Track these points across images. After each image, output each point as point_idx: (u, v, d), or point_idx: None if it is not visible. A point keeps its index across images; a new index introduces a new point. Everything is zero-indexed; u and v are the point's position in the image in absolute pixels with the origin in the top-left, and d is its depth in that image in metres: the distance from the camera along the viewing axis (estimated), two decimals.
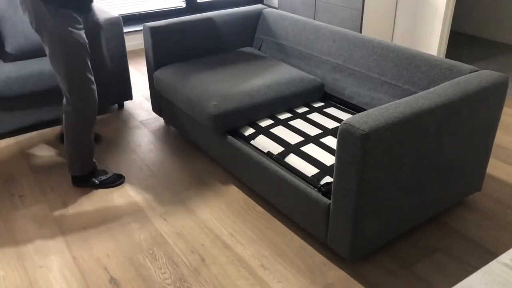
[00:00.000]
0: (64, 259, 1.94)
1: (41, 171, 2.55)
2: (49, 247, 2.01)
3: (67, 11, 2.05)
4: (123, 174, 2.51)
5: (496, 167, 2.56)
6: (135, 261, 1.92)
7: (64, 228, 2.12)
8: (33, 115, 2.91)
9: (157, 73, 2.73)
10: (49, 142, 2.84)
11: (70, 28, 2.06)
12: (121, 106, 3.31)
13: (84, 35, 2.15)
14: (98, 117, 3.16)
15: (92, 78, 2.21)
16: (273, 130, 2.24)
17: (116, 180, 2.43)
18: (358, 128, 1.56)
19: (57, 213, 2.22)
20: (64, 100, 2.22)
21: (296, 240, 2.03)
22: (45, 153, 2.73)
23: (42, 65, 2.83)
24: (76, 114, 2.22)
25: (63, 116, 2.24)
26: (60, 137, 2.82)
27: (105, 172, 2.45)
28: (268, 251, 1.97)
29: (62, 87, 2.19)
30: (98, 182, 2.38)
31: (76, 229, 2.11)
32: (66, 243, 2.03)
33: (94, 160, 2.39)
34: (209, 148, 2.51)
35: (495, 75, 1.95)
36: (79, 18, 2.12)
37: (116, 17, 2.97)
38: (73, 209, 2.24)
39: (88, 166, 2.37)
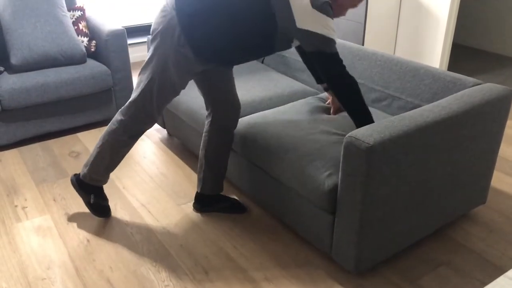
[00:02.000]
0: (67, 271, 1.93)
1: (45, 183, 2.55)
2: (52, 259, 2.00)
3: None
4: (127, 184, 2.50)
5: (500, 180, 2.55)
6: (138, 274, 1.91)
7: (67, 240, 2.11)
8: (37, 126, 2.91)
9: None
10: (53, 154, 2.84)
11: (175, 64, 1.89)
12: None
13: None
14: (100, 128, 3.17)
15: (155, 115, 2.01)
16: None
17: (100, 210, 2.23)
18: (363, 141, 1.56)
19: (60, 225, 2.21)
20: (122, 109, 2.04)
21: (301, 253, 2.02)
22: (48, 164, 2.73)
23: (47, 77, 2.85)
24: (115, 130, 2.03)
25: (114, 122, 2.05)
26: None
27: (105, 199, 2.25)
28: (272, 264, 1.96)
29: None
30: (92, 202, 2.19)
31: (79, 241, 2.10)
32: (69, 255, 2.02)
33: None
34: None
35: (499, 88, 1.96)
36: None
37: (121, 29, 2.99)
38: (76, 221, 2.23)
39: (97, 180, 2.16)
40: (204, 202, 2.28)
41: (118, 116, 2.04)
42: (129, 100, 2.01)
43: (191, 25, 1.81)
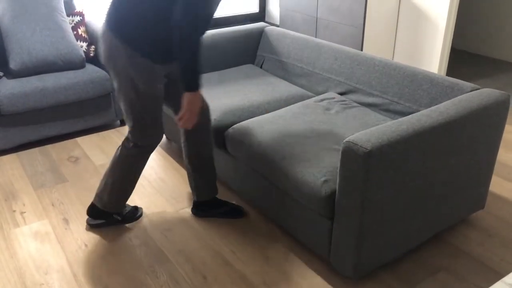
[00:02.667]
0: (65, 276, 1.92)
1: (43, 188, 2.54)
2: (50, 264, 1.99)
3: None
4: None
5: (499, 185, 2.55)
6: (136, 279, 1.91)
7: (65, 245, 2.11)
8: (36, 131, 2.91)
9: None
10: (51, 159, 2.84)
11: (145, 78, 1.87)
12: (123, 122, 3.32)
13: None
14: (99, 133, 3.17)
15: (157, 125, 2.01)
16: None
17: (135, 214, 2.26)
18: (360, 146, 1.56)
19: (58, 230, 2.21)
20: (125, 137, 2.04)
21: (299, 258, 2.02)
22: (47, 169, 2.73)
23: (46, 82, 2.85)
24: (128, 155, 2.02)
25: (121, 149, 2.04)
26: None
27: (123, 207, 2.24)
28: (270, 269, 1.95)
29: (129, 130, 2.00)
30: (120, 218, 2.20)
31: (77, 246, 2.10)
32: (67, 260, 2.02)
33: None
34: None
35: (497, 93, 1.96)
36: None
37: None
38: (74, 226, 2.23)
39: (118, 208, 2.16)
40: (204, 208, 2.28)
41: (127, 144, 2.02)
42: (128, 130, 1.99)
43: (124, 30, 1.79)
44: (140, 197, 2.46)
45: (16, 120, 2.82)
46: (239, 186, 2.31)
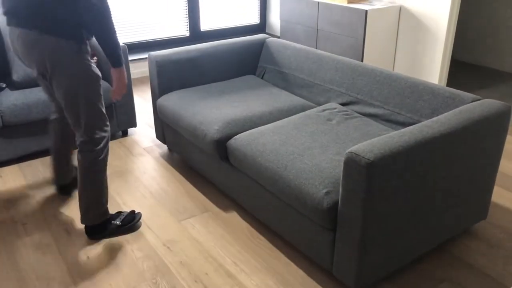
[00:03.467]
0: None
1: (45, 199, 2.54)
2: (52, 276, 1.99)
3: (85, 46, 1.99)
4: (127, 200, 2.50)
5: (501, 195, 2.55)
6: None
7: (67, 257, 2.10)
8: (38, 142, 2.92)
9: (160, 100, 2.75)
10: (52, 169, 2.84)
11: (88, 62, 2.00)
12: (125, 133, 3.33)
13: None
14: None
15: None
16: None
17: (134, 217, 2.28)
18: (363, 157, 1.56)
19: (60, 241, 2.21)
20: (81, 143, 2.06)
21: (301, 269, 2.01)
22: (48, 180, 2.73)
23: None
24: (96, 156, 2.07)
25: (81, 161, 2.07)
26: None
27: (120, 213, 2.28)
28: (272, 281, 1.95)
29: (79, 128, 2.04)
30: (119, 223, 2.22)
31: (79, 258, 2.09)
32: (69, 271, 2.01)
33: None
34: (212, 175, 2.51)
35: (498, 104, 1.97)
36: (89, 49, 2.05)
37: (122, 46, 3.02)
38: (76, 238, 2.23)
39: (105, 213, 2.19)
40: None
41: (88, 149, 2.08)
42: (86, 131, 2.05)
43: (39, 22, 1.88)
44: (142, 208, 2.45)
45: (18, 131, 2.83)
46: (240, 197, 2.31)
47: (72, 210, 2.44)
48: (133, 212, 2.30)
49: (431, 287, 1.90)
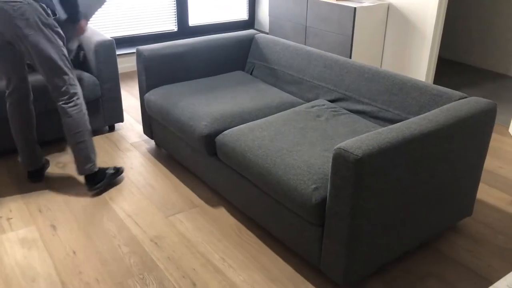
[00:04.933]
0: (53, 284, 1.90)
1: (30, 194, 2.51)
2: (37, 271, 1.96)
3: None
4: (114, 196, 2.49)
5: (485, 192, 2.58)
6: (125, 286, 1.89)
7: (53, 252, 2.08)
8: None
9: (147, 95, 2.73)
10: None
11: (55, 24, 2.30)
12: (112, 128, 3.30)
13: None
14: None
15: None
16: None
17: (118, 169, 2.60)
18: (351, 153, 1.57)
19: (45, 236, 2.18)
20: (62, 103, 2.32)
21: (289, 265, 2.02)
22: (33, 181, 2.69)
23: (33, 87, 2.82)
24: (79, 109, 2.34)
25: (65, 119, 2.33)
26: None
27: (107, 168, 2.57)
28: (260, 276, 1.95)
29: (56, 87, 2.30)
30: (114, 170, 2.55)
31: (65, 253, 2.07)
32: (55, 267, 1.99)
33: None
34: (200, 170, 2.50)
35: (484, 102, 1.99)
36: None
37: (110, 40, 2.99)
38: (62, 233, 2.21)
39: (95, 158, 2.46)
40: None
41: (74, 102, 2.36)
42: (70, 86, 2.34)
43: None
44: (129, 203, 2.44)
45: (3, 125, 2.79)
46: (229, 193, 2.31)
47: (59, 205, 2.41)
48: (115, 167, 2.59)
49: (417, 283, 1.92)
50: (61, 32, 2.32)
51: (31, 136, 2.52)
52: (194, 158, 2.52)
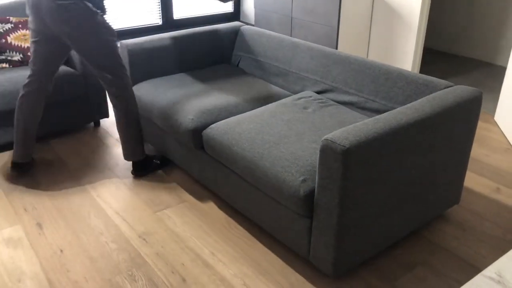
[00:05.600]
0: (40, 283, 1.87)
1: (15, 192, 2.47)
2: (24, 271, 1.94)
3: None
4: (101, 192, 2.46)
5: (472, 180, 2.60)
6: (114, 284, 1.87)
7: (39, 251, 2.05)
8: (6, 134, 2.83)
9: (133, 89, 2.70)
10: None
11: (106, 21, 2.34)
12: (97, 124, 3.26)
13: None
14: (73, 135, 3.10)
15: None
16: None
17: (167, 159, 2.74)
18: (339, 144, 1.56)
19: (31, 235, 2.15)
20: (111, 95, 2.41)
21: (279, 258, 2.01)
22: (19, 173, 2.65)
23: (16, 84, 2.77)
24: (125, 101, 2.42)
25: (117, 112, 2.44)
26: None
27: (154, 156, 2.72)
28: (250, 270, 1.94)
29: (104, 82, 2.37)
30: (159, 162, 2.68)
31: (52, 252, 2.04)
32: (42, 266, 1.96)
33: None
34: (188, 165, 2.48)
35: (470, 90, 2.00)
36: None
37: None
38: (48, 231, 2.18)
39: (143, 149, 2.60)
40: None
41: (120, 99, 2.42)
42: (118, 85, 2.38)
43: None
44: (116, 199, 2.41)
45: None
46: (217, 187, 2.29)
47: (44, 204, 2.38)
48: (161, 155, 2.72)
49: (406, 272, 1.93)
50: (111, 28, 2.32)
51: (32, 130, 2.54)
52: (181, 152, 2.50)
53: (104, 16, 2.32)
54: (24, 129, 2.51)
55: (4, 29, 3.01)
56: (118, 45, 2.38)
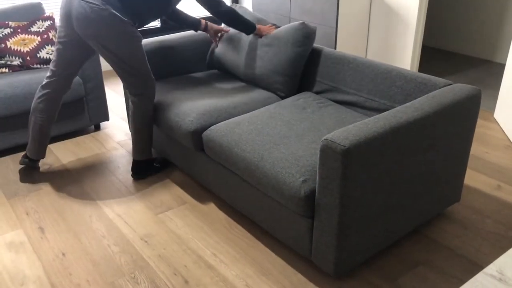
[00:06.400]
0: (43, 287, 1.88)
1: (16, 196, 2.48)
2: (26, 274, 1.94)
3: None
4: (102, 195, 2.46)
5: (472, 178, 2.61)
6: (117, 286, 1.87)
7: (41, 255, 2.05)
8: (7, 139, 2.83)
9: None
10: (23, 167, 2.77)
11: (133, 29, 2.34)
12: (98, 127, 3.26)
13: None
14: (73, 139, 3.11)
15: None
16: None
17: (167, 161, 2.75)
18: (339, 144, 1.57)
19: (33, 239, 2.15)
20: (131, 96, 2.46)
21: (280, 258, 2.02)
22: (19, 178, 2.66)
23: (15, 88, 2.77)
24: (143, 106, 2.46)
25: (133, 109, 2.48)
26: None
27: (155, 158, 2.73)
28: (252, 270, 1.95)
29: (127, 85, 2.43)
30: (159, 165, 2.69)
31: (54, 255, 2.05)
32: (44, 269, 1.97)
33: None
34: (188, 167, 2.49)
35: (469, 88, 2.00)
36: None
37: None
38: (50, 235, 2.18)
39: (151, 153, 2.64)
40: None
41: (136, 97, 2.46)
42: (136, 85, 2.42)
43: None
44: (117, 202, 2.42)
45: None
46: (218, 188, 2.30)
47: (46, 207, 2.38)
48: (163, 158, 2.74)
49: (408, 271, 1.93)
50: (138, 34, 2.34)
51: (48, 129, 2.59)
52: (182, 154, 2.50)
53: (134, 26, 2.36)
54: (40, 129, 2.56)
55: (3, 34, 3.01)
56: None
